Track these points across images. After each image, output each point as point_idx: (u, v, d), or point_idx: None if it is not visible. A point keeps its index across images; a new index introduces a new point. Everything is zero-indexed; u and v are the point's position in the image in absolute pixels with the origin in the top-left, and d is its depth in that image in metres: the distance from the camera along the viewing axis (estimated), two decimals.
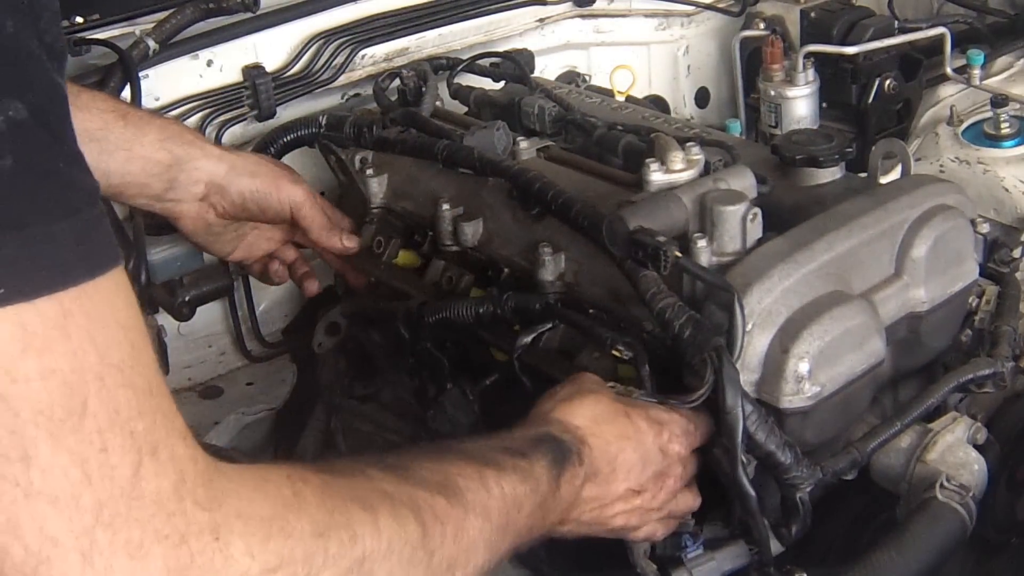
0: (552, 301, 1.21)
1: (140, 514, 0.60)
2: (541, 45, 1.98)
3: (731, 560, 1.11)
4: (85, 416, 0.59)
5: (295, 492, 0.70)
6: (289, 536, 0.67)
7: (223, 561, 0.63)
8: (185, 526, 0.62)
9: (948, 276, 1.24)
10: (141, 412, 0.62)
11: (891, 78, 1.99)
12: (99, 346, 0.61)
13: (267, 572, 0.65)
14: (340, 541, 0.71)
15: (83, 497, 0.59)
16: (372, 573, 0.73)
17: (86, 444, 0.59)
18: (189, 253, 1.60)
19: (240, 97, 1.70)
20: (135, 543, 0.60)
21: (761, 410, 1.06)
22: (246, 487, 0.67)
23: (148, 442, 0.62)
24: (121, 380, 0.61)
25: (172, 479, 0.62)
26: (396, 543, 0.75)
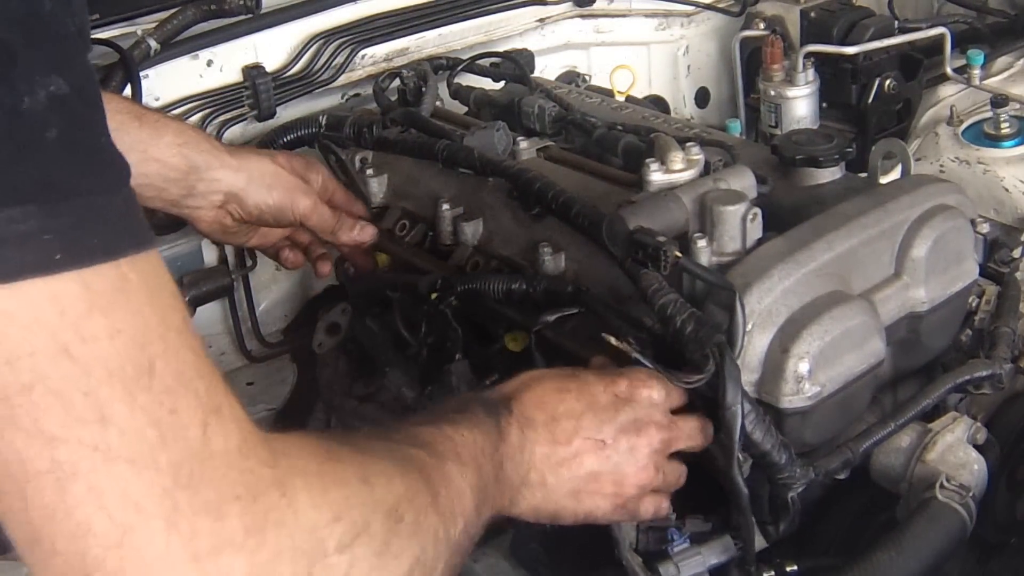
0: (584, 289, 1.21)
1: (214, 474, 0.60)
2: (541, 45, 1.98)
3: (717, 554, 1.11)
4: (153, 376, 0.59)
5: (329, 449, 0.71)
6: (343, 484, 0.68)
7: (293, 516, 0.64)
8: (255, 483, 0.62)
9: (948, 276, 1.24)
10: (200, 374, 0.62)
11: (891, 78, 1.99)
12: (158, 309, 0.61)
13: (332, 522, 0.66)
14: (380, 485, 0.72)
15: (160, 458, 0.58)
16: (403, 515, 0.74)
17: (157, 404, 0.59)
18: (189, 253, 1.60)
19: (240, 97, 1.70)
20: (213, 504, 0.60)
21: (759, 409, 1.06)
22: (293, 445, 0.68)
23: (211, 402, 0.62)
24: (181, 342, 0.62)
25: (237, 438, 0.63)
26: (411, 489, 0.76)
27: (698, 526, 1.13)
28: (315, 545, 0.64)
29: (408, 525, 0.74)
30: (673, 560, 1.09)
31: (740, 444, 1.03)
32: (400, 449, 0.81)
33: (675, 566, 1.09)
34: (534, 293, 1.24)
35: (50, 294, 0.57)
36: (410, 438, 0.84)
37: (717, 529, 1.13)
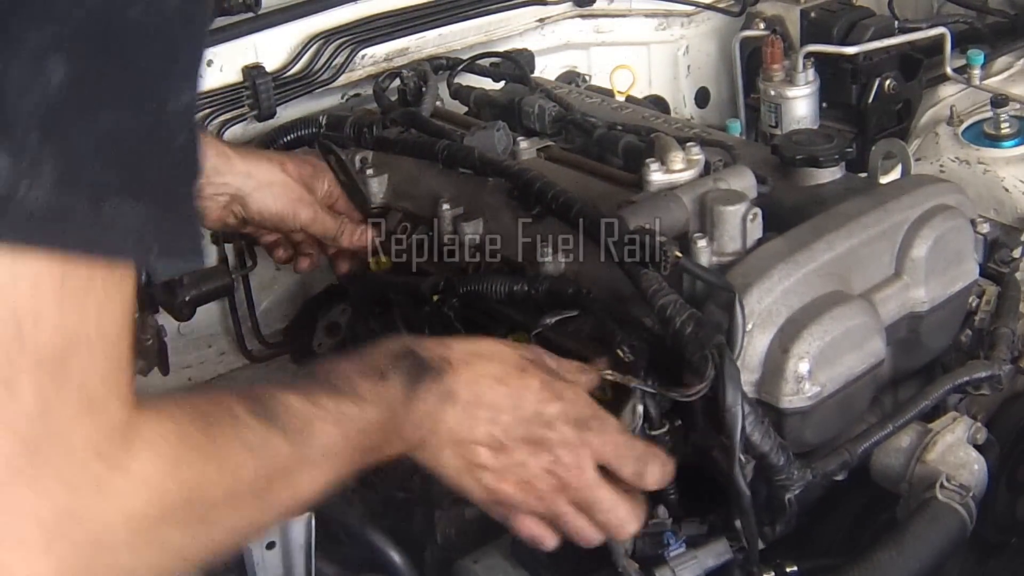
0: (585, 291, 1.21)
1: (57, 457, 0.66)
2: (541, 45, 1.98)
3: (713, 557, 1.11)
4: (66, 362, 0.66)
5: (176, 458, 0.75)
6: (162, 503, 0.73)
7: (98, 514, 0.69)
8: (84, 477, 0.68)
9: (948, 276, 1.24)
10: (107, 372, 0.68)
11: (891, 78, 1.99)
12: (104, 316, 0.67)
13: (132, 530, 0.71)
14: (199, 506, 0.76)
15: (25, 429, 0.64)
16: (213, 527, 0.79)
17: (51, 390, 0.65)
18: None
19: (240, 97, 1.70)
20: (40, 478, 0.65)
21: (758, 410, 1.06)
22: (145, 449, 0.72)
23: (95, 402, 0.68)
24: (102, 347, 0.68)
25: (98, 435, 0.68)
26: (239, 497, 0.81)
27: (694, 528, 1.13)
28: (104, 541, 0.69)
29: (216, 530, 0.79)
30: (669, 565, 1.09)
31: (741, 445, 1.03)
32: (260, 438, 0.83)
33: (671, 571, 1.09)
34: (536, 294, 1.24)
35: (105, 301, 0.66)
36: (299, 423, 0.86)
37: (713, 532, 1.13)
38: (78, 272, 0.65)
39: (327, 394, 0.89)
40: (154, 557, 0.74)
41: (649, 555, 1.10)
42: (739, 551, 1.11)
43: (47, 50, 0.62)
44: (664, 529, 1.11)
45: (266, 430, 0.83)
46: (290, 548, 1.13)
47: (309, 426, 0.86)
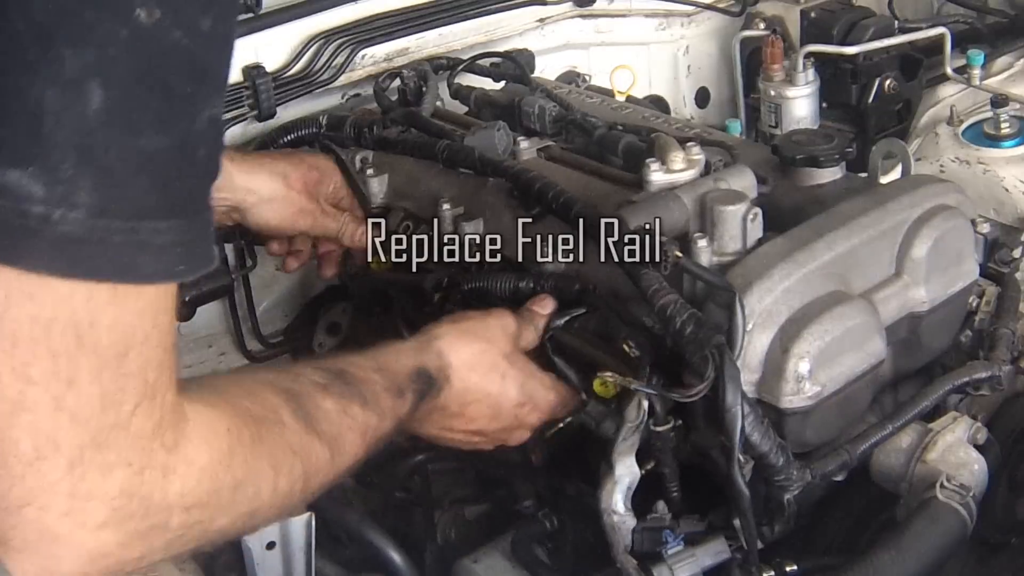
0: (591, 288, 1.21)
1: (123, 443, 0.72)
2: (541, 45, 1.98)
3: (712, 555, 1.11)
4: (124, 361, 0.71)
5: (230, 448, 0.82)
6: (214, 486, 0.80)
7: (160, 494, 0.76)
8: (148, 460, 0.74)
9: (948, 276, 1.24)
10: (158, 366, 0.74)
11: (891, 78, 1.99)
12: (156, 319, 0.73)
13: (185, 509, 0.78)
14: (246, 495, 0.84)
15: (92, 421, 0.70)
16: (256, 517, 0.87)
17: (112, 382, 0.71)
18: None
19: (240, 97, 1.70)
20: (108, 463, 0.72)
21: (758, 410, 1.06)
22: (198, 436, 0.79)
23: (152, 388, 0.74)
24: (156, 341, 0.74)
25: (154, 422, 0.74)
26: (284, 497, 0.89)
27: (692, 526, 1.13)
28: (164, 518, 0.77)
29: (259, 518, 0.88)
30: (667, 562, 1.09)
31: (740, 446, 1.03)
32: (308, 448, 0.92)
33: (669, 568, 1.09)
34: (541, 291, 1.24)
35: (156, 299, 0.72)
36: (335, 429, 0.96)
37: (712, 530, 1.13)
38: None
39: (358, 405, 1.00)
40: (199, 537, 0.82)
41: (648, 552, 1.11)
42: (737, 550, 1.11)
43: (87, 75, 0.64)
44: (663, 526, 1.11)
45: (307, 434, 0.92)
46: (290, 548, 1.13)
47: (341, 435, 0.97)
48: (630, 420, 1.09)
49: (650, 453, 1.12)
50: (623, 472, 1.10)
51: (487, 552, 1.28)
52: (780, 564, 1.11)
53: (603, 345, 1.19)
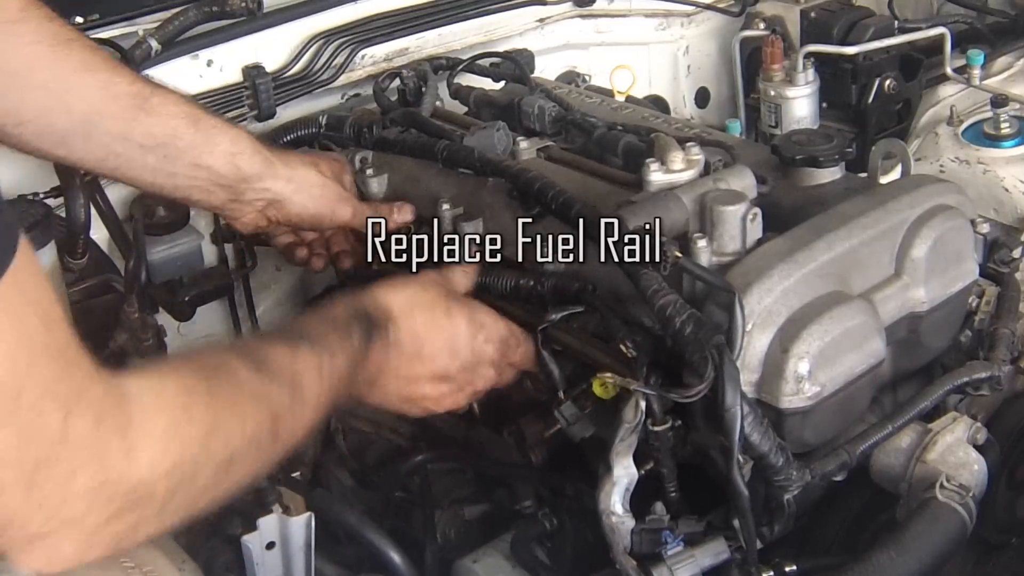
0: (591, 287, 1.21)
1: (68, 453, 0.74)
2: (541, 45, 1.98)
3: (711, 556, 1.11)
4: (21, 397, 0.71)
5: (184, 405, 0.83)
6: (181, 444, 0.82)
7: (134, 471, 0.77)
8: (104, 450, 0.76)
9: (948, 276, 1.24)
10: (62, 376, 0.74)
11: (891, 78, 1.99)
12: (24, 339, 0.71)
13: (163, 475, 0.80)
14: (219, 443, 0.86)
15: (25, 455, 0.72)
16: (236, 464, 0.89)
17: (24, 417, 0.71)
18: (189, 253, 1.60)
19: (240, 97, 1.70)
20: (65, 473, 0.74)
21: (758, 411, 1.06)
22: (146, 403, 0.80)
23: (71, 395, 0.74)
24: (45, 359, 0.73)
25: (91, 418, 0.75)
26: (255, 440, 0.91)
27: (692, 526, 1.13)
28: (146, 491, 0.79)
29: (238, 471, 0.90)
30: (667, 563, 1.09)
31: (740, 446, 1.03)
32: (268, 392, 0.94)
33: (668, 569, 1.09)
34: (541, 289, 1.24)
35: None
36: (289, 372, 0.97)
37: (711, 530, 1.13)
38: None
39: (305, 346, 1.01)
40: (188, 499, 0.84)
41: (647, 553, 1.11)
42: (737, 551, 1.11)
43: None
44: (662, 527, 1.11)
45: (264, 381, 0.94)
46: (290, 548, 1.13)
47: (298, 376, 0.98)
48: (627, 421, 1.09)
49: (649, 453, 1.12)
50: (621, 473, 1.10)
51: (487, 552, 1.28)
52: (780, 564, 1.11)
53: (601, 345, 1.19)
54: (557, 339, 1.23)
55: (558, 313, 1.22)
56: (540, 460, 1.27)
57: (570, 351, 1.23)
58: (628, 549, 1.11)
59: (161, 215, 1.58)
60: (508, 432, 1.28)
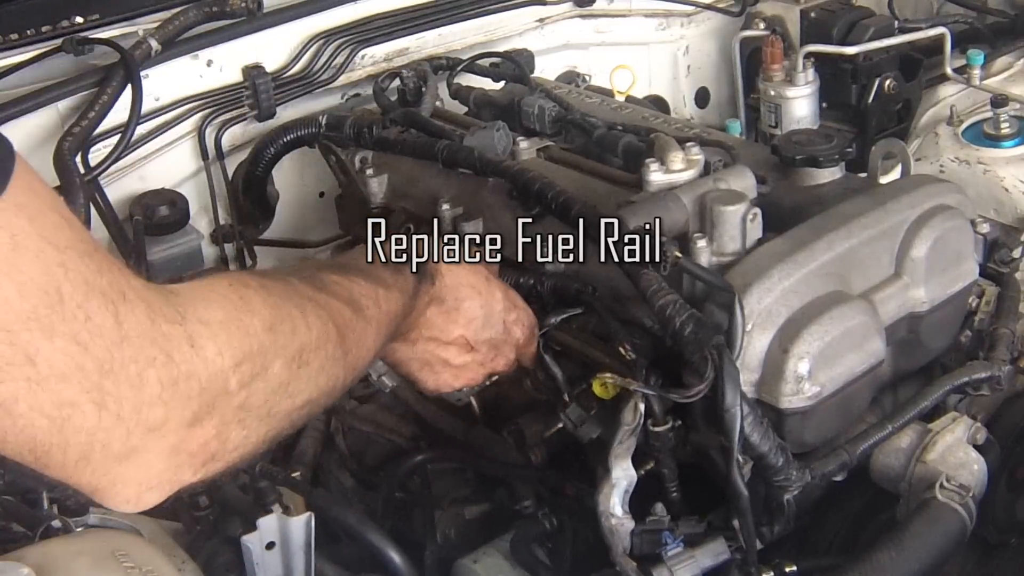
0: (591, 289, 1.21)
1: (131, 351, 0.70)
2: (541, 45, 1.98)
3: (711, 557, 1.11)
4: (63, 301, 0.67)
5: (241, 296, 0.81)
6: (246, 333, 0.79)
7: (201, 363, 0.75)
8: (166, 343, 0.73)
9: (948, 276, 1.24)
10: (100, 269, 0.70)
11: (891, 78, 1.99)
12: (49, 238, 0.67)
13: (235, 366, 0.77)
14: (284, 333, 0.84)
15: (86, 362, 0.68)
16: (308, 361, 0.87)
17: (73, 322, 0.68)
18: (189, 253, 1.61)
19: (240, 97, 1.70)
20: (134, 375, 0.70)
21: (757, 411, 1.06)
22: (197, 297, 0.78)
23: (115, 291, 0.70)
24: (76, 255, 0.69)
25: (143, 310, 0.72)
26: (322, 339, 0.89)
27: (692, 527, 1.13)
28: (220, 384, 0.76)
29: (311, 370, 0.87)
30: (667, 564, 1.09)
31: (739, 446, 1.03)
32: (327, 302, 0.92)
33: (668, 570, 1.09)
34: (541, 289, 1.25)
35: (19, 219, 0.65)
36: (346, 292, 0.97)
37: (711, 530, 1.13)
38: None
39: (363, 278, 1.01)
40: (266, 396, 0.81)
41: (647, 554, 1.11)
42: (737, 551, 1.11)
43: None
44: (662, 528, 1.11)
45: (327, 296, 0.93)
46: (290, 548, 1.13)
47: (356, 299, 0.98)
48: (626, 423, 1.09)
49: (649, 454, 1.12)
50: (620, 475, 1.10)
51: (487, 552, 1.28)
52: (779, 565, 1.11)
53: (601, 346, 1.19)
54: (557, 339, 1.23)
55: (557, 316, 1.22)
56: (540, 460, 1.27)
57: (570, 351, 1.23)
58: (628, 550, 1.11)
59: (161, 215, 1.58)
60: (508, 432, 1.28)
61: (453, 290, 1.16)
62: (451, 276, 1.16)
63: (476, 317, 1.18)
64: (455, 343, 1.18)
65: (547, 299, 1.26)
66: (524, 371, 1.27)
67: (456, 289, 1.17)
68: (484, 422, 1.37)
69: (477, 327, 1.19)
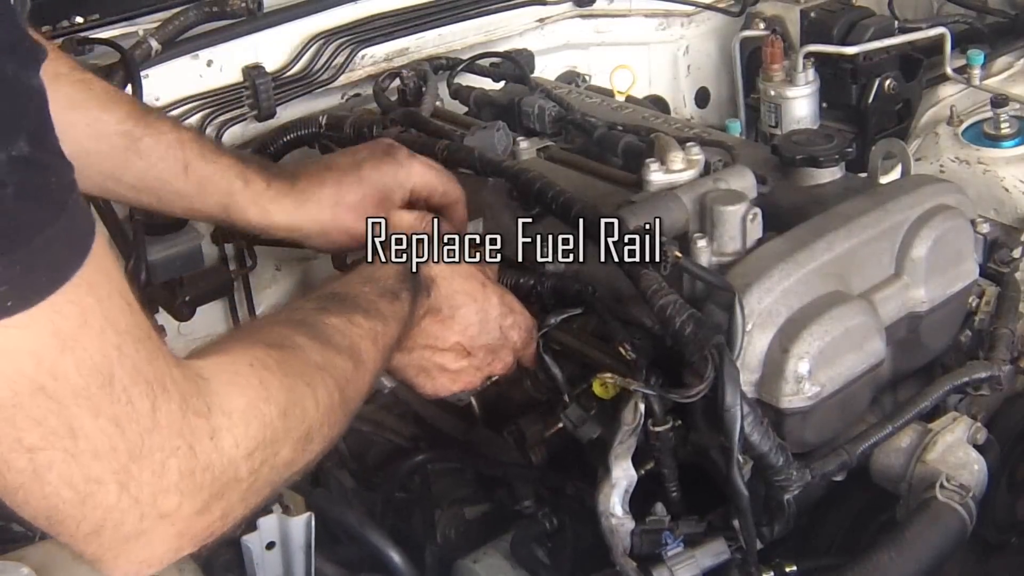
0: (591, 289, 1.21)
1: (159, 439, 0.74)
2: (541, 45, 1.98)
3: (711, 557, 1.11)
4: (113, 384, 0.71)
5: (261, 380, 0.84)
6: (262, 422, 0.82)
7: (218, 455, 0.78)
8: (191, 435, 0.76)
9: (948, 276, 1.24)
10: (150, 357, 0.74)
11: (891, 78, 1.99)
12: (112, 321, 0.71)
13: (247, 455, 0.81)
14: (295, 417, 0.87)
15: (120, 444, 0.71)
16: (313, 439, 0.90)
17: (117, 404, 0.71)
18: (189, 253, 1.60)
19: (240, 97, 1.70)
20: (158, 463, 0.74)
21: (757, 411, 1.06)
22: (223, 384, 0.81)
23: (158, 380, 0.74)
24: (132, 340, 0.72)
25: (177, 402, 0.75)
26: (327, 411, 0.92)
27: (692, 527, 1.13)
28: (232, 474, 0.79)
29: (314, 445, 0.90)
30: (667, 564, 1.09)
31: (740, 446, 1.03)
32: (332, 362, 0.95)
33: (668, 570, 1.09)
34: (541, 289, 1.25)
35: (24, 342, 0.67)
36: (347, 340, 0.99)
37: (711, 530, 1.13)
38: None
39: (360, 315, 1.03)
40: (270, 478, 0.84)
41: (647, 554, 1.11)
42: (737, 551, 1.11)
43: None
44: (662, 528, 1.11)
45: (326, 350, 0.95)
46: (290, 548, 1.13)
47: (355, 345, 1.00)
48: (626, 423, 1.09)
49: (649, 453, 1.12)
50: (620, 475, 1.10)
51: (487, 552, 1.28)
52: (780, 565, 1.11)
53: (601, 346, 1.19)
54: (557, 339, 1.23)
55: (557, 316, 1.22)
56: (540, 460, 1.27)
57: (570, 352, 1.23)
58: (628, 550, 1.11)
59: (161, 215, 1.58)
60: (508, 432, 1.28)
61: (448, 298, 1.17)
62: (446, 284, 1.17)
63: (472, 324, 1.18)
64: (451, 349, 1.19)
65: (547, 299, 1.26)
66: (524, 371, 1.27)
67: (451, 297, 1.17)
68: (484, 422, 1.37)
69: (473, 333, 1.19)
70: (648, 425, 1.10)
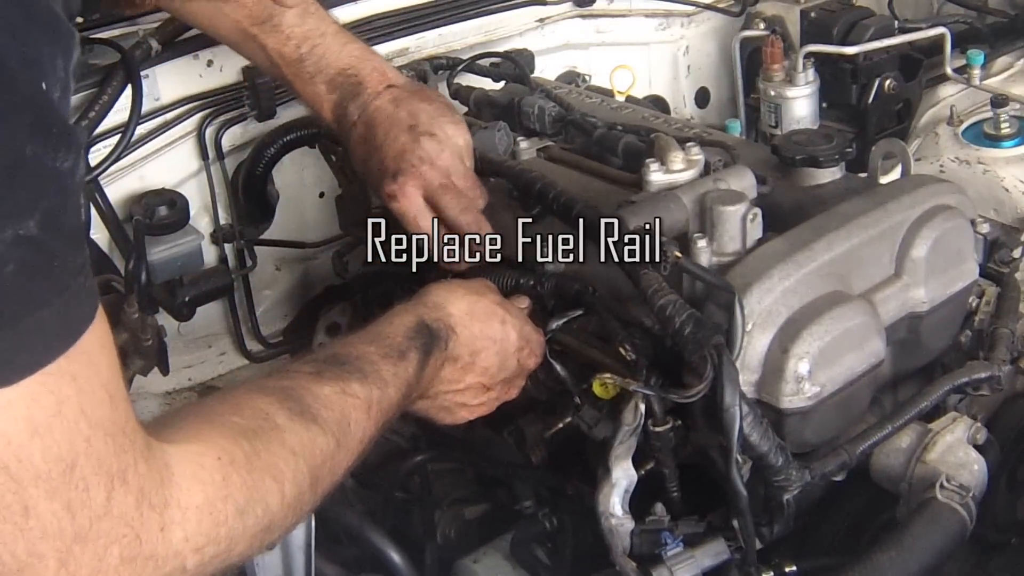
0: (591, 290, 1.21)
1: (107, 526, 0.73)
2: (541, 45, 1.98)
3: (711, 557, 1.11)
4: (75, 471, 0.71)
5: (224, 477, 0.82)
6: (216, 520, 0.81)
7: (164, 547, 0.77)
8: (140, 525, 0.75)
9: (948, 276, 1.24)
10: (117, 451, 0.74)
11: (891, 78, 1.99)
12: (87, 413, 0.71)
13: (196, 550, 0.79)
14: (255, 515, 0.84)
15: (68, 527, 0.71)
16: (274, 531, 0.88)
17: (73, 490, 0.71)
18: (189, 253, 1.60)
19: (240, 97, 1.70)
20: (100, 547, 0.73)
21: (757, 411, 1.06)
22: (186, 477, 0.79)
23: (119, 472, 0.74)
24: (102, 434, 0.72)
25: (134, 494, 0.75)
26: (293, 502, 0.89)
27: (692, 527, 1.13)
28: (176, 565, 0.78)
29: (274, 532, 0.88)
30: (667, 564, 1.09)
31: (739, 446, 1.03)
32: (312, 444, 0.91)
33: (668, 570, 1.09)
34: (542, 290, 1.25)
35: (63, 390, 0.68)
36: (336, 414, 0.95)
37: (711, 531, 1.13)
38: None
39: (357, 381, 0.99)
40: (223, 565, 0.83)
41: (647, 554, 1.11)
42: (737, 551, 1.11)
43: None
44: (662, 528, 1.11)
45: (308, 430, 0.92)
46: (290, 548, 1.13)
47: (345, 417, 0.96)
48: (627, 423, 1.10)
49: (649, 453, 1.12)
50: (620, 475, 1.10)
51: (487, 552, 1.29)
52: (779, 565, 1.11)
53: (601, 346, 1.19)
54: (558, 340, 1.23)
55: (559, 320, 1.22)
56: (540, 460, 1.27)
57: (570, 352, 1.23)
58: (628, 550, 1.11)
59: (161, 215, 1.58)
60: (508, 432, 1.28)
61: (468, 344, 1.16)
62: (465, 331, 1.15)
63: (492, 365, 1.18)
64: (471, 388, 1.19)
65: (547, 299, 1.26)
66: None
67: (471, 343, 1.16)
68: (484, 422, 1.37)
69: (493, 372, 1.19)
70: (648, 425, 1.10)
